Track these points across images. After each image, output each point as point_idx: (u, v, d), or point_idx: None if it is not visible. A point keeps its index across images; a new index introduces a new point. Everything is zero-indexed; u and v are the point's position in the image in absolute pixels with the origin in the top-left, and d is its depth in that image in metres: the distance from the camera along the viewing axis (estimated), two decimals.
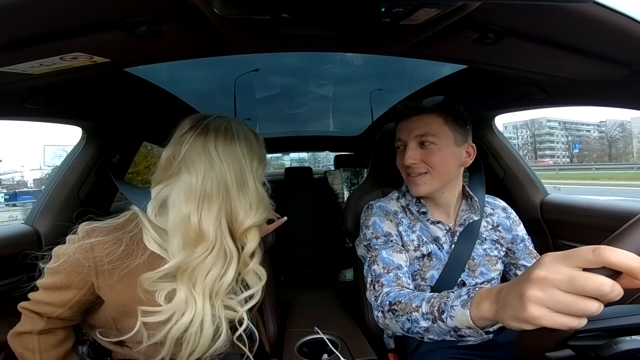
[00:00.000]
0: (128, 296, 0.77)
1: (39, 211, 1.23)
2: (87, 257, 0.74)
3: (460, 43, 0.76)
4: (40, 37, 0.60)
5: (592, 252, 0.43)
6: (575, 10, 0.58)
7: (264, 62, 2.15)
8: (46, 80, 0.80)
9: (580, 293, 0.44)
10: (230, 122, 0.83)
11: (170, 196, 0.77)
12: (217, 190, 0.76)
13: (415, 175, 1.01)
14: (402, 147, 1.04)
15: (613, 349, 0.48)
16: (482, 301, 0.61)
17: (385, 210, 1.08)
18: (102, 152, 1.35)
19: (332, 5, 0.56)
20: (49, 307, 0.79)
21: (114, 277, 0.75)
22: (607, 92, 0.94)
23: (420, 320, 0.74)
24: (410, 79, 1.81)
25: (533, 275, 0.48)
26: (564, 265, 0.45)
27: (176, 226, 0.75)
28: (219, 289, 0.79)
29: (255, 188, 0.81)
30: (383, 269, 0.94)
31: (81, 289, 0.77)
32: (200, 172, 0.75)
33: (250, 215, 0.80)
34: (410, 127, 1.01)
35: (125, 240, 0.77)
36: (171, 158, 0.78)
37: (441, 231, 1.06)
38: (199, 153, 0.76)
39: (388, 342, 1.16)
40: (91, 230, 0.77)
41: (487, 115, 1.47)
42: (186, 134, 0.79)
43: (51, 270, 0.77)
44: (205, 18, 0.62)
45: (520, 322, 0.50)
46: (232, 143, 0.79)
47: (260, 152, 0.85)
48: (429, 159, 0.99)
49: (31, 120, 1.06)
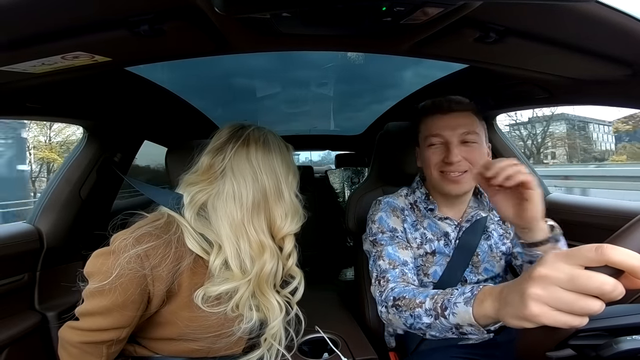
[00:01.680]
0: (183, 303, 0.76)
1: (41, 210, 1.24)
2: (143, 265, 0.70)
3: (461, 42, 0.76)
4: (42, 36, 0.60)
5: (595, 250, 0.43)
6: (577, 9, 0.58)
7: (265, 60, 2.14)
8: (47, 79, 0.80)
9: (582, 292, 0.43)
10: (267, 134, 0.86)
11: (213, 203, 0.80)
12: (263, 199, 0.81)
13: (457, 174, 0.97)
14: (439, 144, 0.99)
15: (613, 349, 0.48)
16: (485, 299, 0.61)
17: (393, 206, 1.08)
18: (103, 151, 1.35)
19: (333, 4, 0.56)
20: (112, 333, 0.71)
21: (169, 282, 0.73)
22: (609, 91, 0.93)
23: (423, 316, 0.75)
24: (410, 79, 1.81)
25: (535, 273, 0.48)
26: (566, 263, 0.45)
27: (235, 238, 0.78)
28: (275, 280, 0.86)
29: (290, 198, 0.86)
30: (389, 265, 0.95)
31: (142, 301, 0.72)
32: (248, 182, 0.79)
33: (286, 223, 0.84)
34: (452, 124, 0.98)
35: (173, 242, 0.74)
36: (212, 164, 0.81)
37: (450, 227, 1.06)
38: (243, 163, 0.80)
39: (389, 340, 1.16)
40: (141, 237, 0.72)
41: (489, 114, 1.47)
42: (227, 143, 0.82)
43: (102, 288, 0.68)
44: (207, 17, 0.62)
45: (521, 320, 0.50)
46: (270, 155, 0.83)
47: (293, 164, 0.89)
48: (472, 156, 0.97)
49: (32, 119, 1.07)
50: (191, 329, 0.77)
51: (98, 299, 0.69)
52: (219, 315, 0.77)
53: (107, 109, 1.23)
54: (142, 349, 0.82)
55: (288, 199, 0.85)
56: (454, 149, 0.96)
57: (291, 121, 3.09)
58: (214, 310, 0.76)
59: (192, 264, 0.76)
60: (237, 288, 0.78)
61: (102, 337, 0.71)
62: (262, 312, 0.83)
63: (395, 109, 2.15)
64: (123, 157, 1.46)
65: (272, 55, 1.77)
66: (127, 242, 0.70)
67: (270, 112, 2.95)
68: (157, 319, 0.78)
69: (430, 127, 1.01)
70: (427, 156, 1.01)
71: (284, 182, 0.84)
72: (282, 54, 1.78)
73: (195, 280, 0.77)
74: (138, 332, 0.80)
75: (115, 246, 0.71)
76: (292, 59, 2.11)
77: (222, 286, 0.76)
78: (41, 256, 1.18)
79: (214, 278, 0.77)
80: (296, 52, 0.90)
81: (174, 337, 0.79)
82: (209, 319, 0.77)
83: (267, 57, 1.94)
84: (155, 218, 0.79)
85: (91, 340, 0.71)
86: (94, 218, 1.35)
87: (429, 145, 1.01)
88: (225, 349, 0.83)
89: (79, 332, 0.72)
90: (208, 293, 0.75)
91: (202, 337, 0.79)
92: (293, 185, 0.87)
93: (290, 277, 0.91)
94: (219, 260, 0.77)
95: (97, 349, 0.72)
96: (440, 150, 0.99)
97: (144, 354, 0.82)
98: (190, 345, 0.80)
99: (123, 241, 0.70)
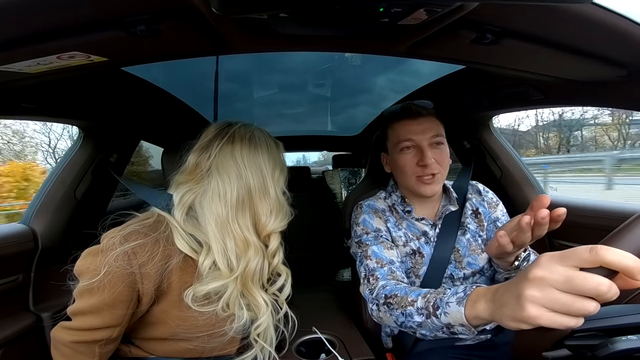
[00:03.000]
0: (173, 302, 0.77)
1: (35, 211, 1.22)
2: (131, 263, 0.70)
3: (458, 43, 0.76)
4: (38, 36, 0.60)
5: (589, 251, 0.43)
6: (573, 10, 0.58)
7: (261, 60, 2.14)
8: (43, 79, 0.79)
9: (578, 293, 0.44)
10: (254, 130, 0.86)
11: (201, 202, 0.79)
12: (247, 196, 0.80)
13: (430, 176, 1.00)
14: (411, 148, 1.02)
15: (609, 349, 0.48)
16: (479, 300, 0.61)
17: (374, 208, 1.11)
18: (99, 152, 1.34)
19: (331, 5, 0.56)
20: (103, 332, 0.72)
21: (158, 280, 0.73)
22: (604, 92, 0.94)
23: (414, 314, 0.75)
24: (409, 79, 1.81)
25: (531, 275, 0.48)
26: (561, 265, 0.46)
27: (221, 236, 0.78)
28: (262, 277, 0.86)
29: (276, 196, 0.85)
30: (376, 264, 0.95)
31: (131, 300, 0.72)
32: (232, 180, 0.79)
33: (271, 220, 0.83)
34: (422, 128, 1.01)
35: (162, 241, 0.75)
36: (199, 163, 0.81)
37: (426, 226, 1.08)
38: (228, 161, 0.80)
39: (386, 341, 1.16)
40: (128, 235, 0.72)
41: (485, 115, 1.48)
42: (213, 140, 0.82)
43: (91, 287, 0.68)
44: (204, 17, 0.62)
45: (518, 322, 0.50)
46: (256, 152, 0.82)
47: (281, 161, 0.89)
48: (441, 159, 1.01)
49: (28, 119, 1.06)
50: (182, 328, 0.77)
51: (87, 298, 0.70)
52: (210, 315, 0.78)
53: (103, 109, 1.23)
54: (137, 349, 0.82)
55: (274, 196, 0.84)
56: (426, 151, 0.99)
57: (288, 122, 3.09)
58: (203, 310, 0.76)
59: (181, 263, 0.77)
60: (226, 286, 0.78)
61: (93, 337, 0.71)
62: (252, 311, 0.83)
63: None
64: (119, 158, 1.45)
65: (271, 55, 1.76)
66: (114, 240, 0.71)
67: (267, 113, 2.94)
68: (149, 318, 0.78)
69: (400, 133, 1.04)
70: (401, 162, 1.04)
71: (269, 179, 0.83)
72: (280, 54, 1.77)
73: (185, 279, 0.77)
74: (132, 332, 0.81)
75: (103, 244, 0.71)
76: (291, 59, 2.10)
77: (210, 285, 0.76)
78: (36, 257, 1.17)
79: (202, 278, 0.77)
80: (294, 52, 0.90)
81: (167, 337, 0.79)
82: (200, 318, 0.77)
83: (264, 56, 1.93)
84: (145, 217, 0.80)
85: (83, 340, 0.72)
86: (90, 219, 1.34)
87: (401, 150, 1.03)
88: (219, 349, 0.83)
89: (70, 331, 0.72)
90: (197, 292, 0.75)
91: (194, 336, 0.79)
92: (280, 182, 0.87)
93: (277, 275, 0.91)
94: (208, 261, 0.77)
95: (89, 348, 0.72)
96: (413, 154, 1.01)
97: (139, 355, 0.82)
98: (183, 345, 0.81)
99: (111, 239, 0.71)
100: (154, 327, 0.79)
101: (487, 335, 1.02)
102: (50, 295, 1.21)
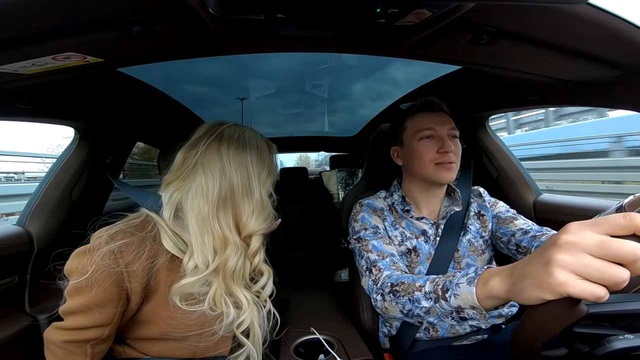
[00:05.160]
0: (161, 301, 0.77)
1: (30, 212, 1.22)
2: (117, 262, 0.71)
3: (454, 44, 0.76)
4: (33, 36, 0.60)
5: (624, 217, 0.42)
6: (568, 11, 0.59)
7: (258, 61, 2.14)
8: (38, 80, 0.79)
9: (612, 258, 0.42)
10: (245, 130, 0.86)
11: (185, 200, 0.79)
12: (230, 195, 0.80)
13: (450, 163, 1.02)
14: (432, 137, 1.05)
15: (606, 348, 0.48)
16: (491, 278, 0.59)
17: (373, 207, 1.12)
18: (94, 153, 1.34)
19: (328, 5, 0.56)
20: (94, 331, 0.72)
21: (145, 279, 0.74)
22: (599, 93, 0.95)
23: (422, 299, 0.74)
24: (407, 79, 1.81)
25: (560, 240, 0.45)
26: (592, 231, 0.44)
27: (200, 233, 0.77)
28: (244, 276, 0.85)
29: (260, 197, 0.84)
30: (378, 256, 0.96)
31: (120, 298, 0.73)
32: (215, 177, 0.79)
33: (252, 220, 0.83)
34: (442, 119, 1.06)
35: (148, 240, 0.76)
36: (185, 159, 0.81)
37: (426, 225, 1.09)
38: (214, 158, 0.79)
39: (383, 341, 1.16)
40: (114, 234, 0.73)
41: (481, 115, 1.48)
42: (201, 138, 0.82)
43: (79, 285, 0.70)
44: (200, 18, 0.62)
45: (542, 290, 0.47)
46: (243, 151, 0.82)
47: (270, 163, 0.88)
48: (457, 151, 1.05)
49: (22, 121, 1.05)
50: (172, 327, 0.78)
51: (77, 297, 0.71)
52: (199, 315, 0.78)
53: (99, 110, 1.22)
54: (131, 350, 0.83)
55: (258, 197, 0.84)
56: (447, 140, 1.02)
57: (286, 122, 3.09)
58: (191, 309, 0.77)
59: (168, 262, 0.77)
60: (209, 284, 0.78)
61: (84, 336, 0.72)
62: (239, 309, 0.83)
63: (388, 111, 2.16)
64: (115, 159, 1.45)
65: (270, 55, 1.76)
66: (101, 239, 0.72)
67: (264, 113, 2.94)
68: (140, 317, 0.79)
69: (421, 123, 1.06)
70: (420, 149, 1.05)
71: (255, 180, 0.83)
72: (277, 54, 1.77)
73: (172, 278, 0.78)
74: (125, 332, 0.82)
75: (90, 244, 0.73)
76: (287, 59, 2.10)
77: (188, 279, 0.76)
78: (31, 259, 1.16)
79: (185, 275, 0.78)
80: (291, 52, 0.89)
81: (157, 337, 0.80)
82: (188, 318, 0.78)
83: (261, 57, 1.93)
84: (133, 217, 0.81)
85: (74, 339, 0.72)
86: (86, 220, 1.33)
87: (421, 139, 1.05)
88: (211, 350, 0.84)
89: (62, 331, 0.73)
90: (177, 289, 0.75)
91: (184, 336, 0.80)
92: (267, 184, 0.86)
93: (260, 274, 0.91)
94: (193, 262, 0.77)
95: (81, 348, 0.73)
96: (433, 143, 1.04)
97: (133, 355, 0.83)
98: (175, 345, 0.81)
99: (98, 239, 0.72)
100: (145, 327, 0.80)
101: (484, 335, 1.02)
102: (46, 297, 1.20)
